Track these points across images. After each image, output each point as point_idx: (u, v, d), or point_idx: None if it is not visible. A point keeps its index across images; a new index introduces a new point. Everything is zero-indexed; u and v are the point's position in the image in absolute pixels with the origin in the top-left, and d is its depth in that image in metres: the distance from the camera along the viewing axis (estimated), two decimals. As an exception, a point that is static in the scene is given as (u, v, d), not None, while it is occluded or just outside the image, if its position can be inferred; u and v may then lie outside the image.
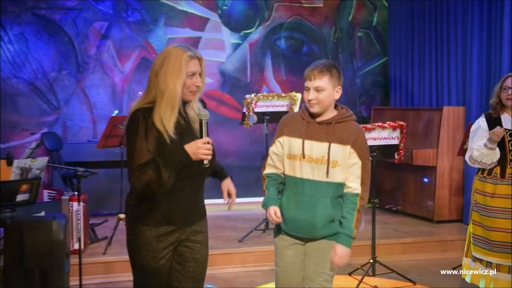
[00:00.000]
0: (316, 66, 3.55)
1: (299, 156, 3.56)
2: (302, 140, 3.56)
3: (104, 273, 6.14)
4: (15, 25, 8.41)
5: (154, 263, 3.26)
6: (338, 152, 3.53)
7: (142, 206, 3.26)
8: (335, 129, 3.56)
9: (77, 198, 5.43)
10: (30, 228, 4.21)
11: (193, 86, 3.25)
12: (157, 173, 3.11)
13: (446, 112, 8.07)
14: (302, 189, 3.57)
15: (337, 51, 9.91)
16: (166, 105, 3.18)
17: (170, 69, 3.19)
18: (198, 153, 3.15)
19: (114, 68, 8.86)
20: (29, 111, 8.50)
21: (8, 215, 4.53)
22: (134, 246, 3.29)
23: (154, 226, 3.23)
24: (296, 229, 3.61)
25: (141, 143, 3.14)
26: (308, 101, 3.55)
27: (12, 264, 4.20)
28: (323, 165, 3.53)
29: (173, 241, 3.29)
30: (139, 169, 3.12)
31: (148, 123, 3.16)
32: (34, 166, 4.72)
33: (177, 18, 9.12)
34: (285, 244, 3.68)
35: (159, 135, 3.16)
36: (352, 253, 6.70)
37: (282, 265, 3.69)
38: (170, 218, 3.26)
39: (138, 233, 3.26)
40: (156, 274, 3.29)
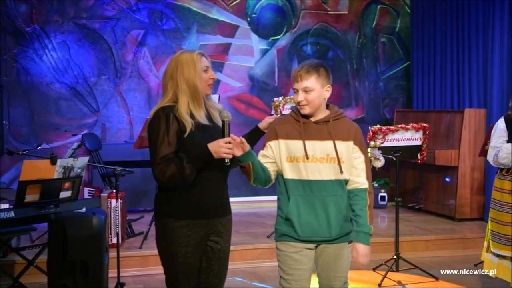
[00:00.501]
0: (302, 66, 3.36)
1: (302, 157, 3.32)
2: (303, 141, 3.33)
3: (140, 266, 6.19)
4: (58, 34, 8.51)
5: (186, 259, 3.27)
6: (342, 148, 3.36)
7: (171, 200, 3.28)
8: (334, 127, 3.38)
9: (115, 195, 5.47)
10: (72, 223, 4.25)
11: (209, 80, 3.34)
12: (180, 167, 3.14)
13: (467, 114, 7.99)
14: (310, 191, 3.33)
15: (361, 56, 9.88)
16: (192, 101, 3.27)
17: (186, 69, 3.29)
18: (220, 152, 3.17)
19: (149, 73, 8.93)
20: (71, 114, 8.59)
21: (52, 211, 4.60)
22: (166, 243, 3.30)
23: (184, 219, 3.25)
24: (311, 233, 3.34)
25: (163, 137, 3.18)
26: (298, 103, 3.36)
27: (55, 256, 4.25)
28: (329, 164, 3.34)
29: (202, 235, 3.30)
30: (162, 163, 3.16)
31: (169, 118, 3.21)
32: (76, 165, 4.76)
33: (209, 25, 9.16)
34: (295, 250, 3.36)
35: (179, 128, 3.21)
36: (376, 249, 6.79)
37: (293, 273, 3.36)
38: (199, 210, 3.27)
39: (168, 229, 3.27)
40: (187, 270, 3.29)
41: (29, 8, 8.38)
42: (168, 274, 3.35)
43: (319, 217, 3.34)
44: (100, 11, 8.69)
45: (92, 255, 4.27)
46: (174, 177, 3.16)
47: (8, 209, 4.56)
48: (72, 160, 4.73)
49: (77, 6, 8.57)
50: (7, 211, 4.47)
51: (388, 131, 6.12)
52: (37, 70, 8.42)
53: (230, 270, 3.52)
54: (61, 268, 4.22)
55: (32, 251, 5.61)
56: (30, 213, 4.55)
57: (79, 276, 4.22)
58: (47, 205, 4.62)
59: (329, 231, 3.36)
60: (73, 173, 4.76)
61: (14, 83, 8.31)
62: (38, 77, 8.43)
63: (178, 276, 3.30)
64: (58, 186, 4.67)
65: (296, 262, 3.37)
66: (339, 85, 9.76)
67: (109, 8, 8.72)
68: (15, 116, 8.29)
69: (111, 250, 5.43)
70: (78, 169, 4.79)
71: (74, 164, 4.74)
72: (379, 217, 8.40)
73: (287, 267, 3.38)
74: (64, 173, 4.67)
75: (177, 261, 3.27)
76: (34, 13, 8.40)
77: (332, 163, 3.35)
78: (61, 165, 4.62)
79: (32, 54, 8.40)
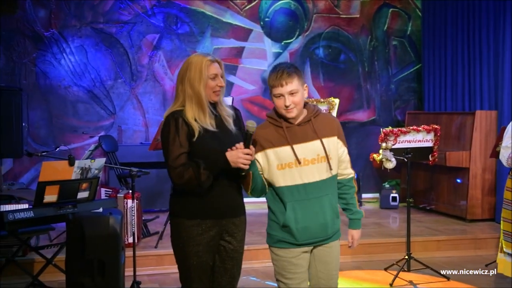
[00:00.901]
0: (282, 71, 3.24)
1: (294, 162, 3.28)
2: (291, 146, 3.29)
3: (155, 265, 6.22)
4: (76, 38, 8.57)
5: (198, 258, 3.29)
6: (329, 145, 3.35)
7: (184, 201, 3.31)
8: (317, 124, 3.35)
9: (131, 196, 5.49)
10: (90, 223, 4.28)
11: (216, 87, 3.32)
12: (197, 173, 3.16)
13: (478, 116, 7.95)
14: (305, 195, 3.30)
15: (373, 59, 9.86)
16: (197, 107, 3.28)
17: (193, 74, 3.29)
18: (238, 162, 3.17)
19: (164, 77, 8.97)
20: (88, 116, 8.65)
21: (70, 211, 4.63)
22: (179, 242, 3.33)
23: (195, 219, 3.27)
24: (309, 236, 3.34)
25: (173, 139, 3.22)
26: (286, 108, 3.26)
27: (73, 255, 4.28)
28: (321, 163, 3.32)
29: (213, 235, 3.31)
30: (179, 167, 3.19)
31: (178, 122, 3.23)
32: (93, 166, 4.79)
33: (223, 29, 9.19)
34: (293, 255, 3.34)
35: (189, 132, 3.23)
36: (388, 249, 6.77)
37: (293, 277, 3.34)
38: (210, 211, 3.29)
39: (181, 228, 3.30)
40: (199, 268, 3.31)
41: (48, 13, 8.45)
42: (182, 272, 3.38)
43: (316, 219, 3.34)
44: (116, 16, 8.74)
45: (109, 254, 4.30)
46: (190, 181, 3.19)
47: (28, 209, 4.60)
48: (90, 162, 4.76)
49: (94, 11, 8.63)
50: (26, 211, 4.50)
51: (399, 132, 6.11)
52: (55, 74, 8.49)
53: (244, 269, 3.53)
54: (79, 267, 4.25)
55: (50, 250, 5.65)
56: (48, 213, 4.59)
57: (96, 275, 4.25)
58: (65, 205, 4.66)
59: (326, 231, 3.39)
60: (91, 174, 4.79)
61: (33, 86, 8.38)
62: (57, 80, 8.50)
63: (190, 274, 3.32)
64: (76, 186, 4.71)
65: (295, 267, 3.36)
66: (351, 87, 9.76)
67: (125, 13, 8.77)
68: (34, 118, 8.36)
69: (127, 249, 5.46)
70: (95, 170, 4.82)
71: (91, 165, 4.77)
72: (390, 218, 8.39)
73: (286, 272, 3.37)
74: (82, 174, 4.70)
75: (189, 260, 3.30)
76: (53, 18, 8.47)
77: (323, 162, 3.34)
78: (78, 166, 4.65)
79: (51, 58, 8.47)
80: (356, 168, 9.50)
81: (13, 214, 4.42)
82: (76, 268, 4.28)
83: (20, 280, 5.54)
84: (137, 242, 5.91)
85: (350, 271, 6.28)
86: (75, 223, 4.28)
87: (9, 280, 5.58)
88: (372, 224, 7.81)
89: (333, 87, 9.60)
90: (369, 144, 9.58)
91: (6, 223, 4.38)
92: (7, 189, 6.85)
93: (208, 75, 3.29)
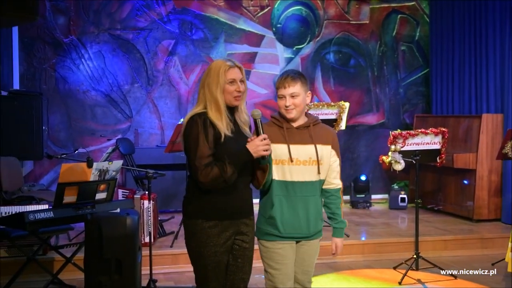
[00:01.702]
0: (287, 75, 3.46)
1: (287, 160, 3.45)
2: (287, 145, 3.45)
3: (171, 263, 6.21)
4: (94, 44, 8.61)
5: (215, 258, 3.27)
6: (322, 152, 3.50)
7: (199, 202, 3.28)
8: (314, 131, 3.52)
9: (148, 197, 5.51)
10: (107, 223, 4.28)
11: (234, 92, 3.30)
12: (222, 170, 3.15)
13: (485, 119, 7.92)
14: (293, 192, 3.47)
15: (382, 64, 9.84)
16: (215, 111, 3.26)
17: (211, 79, 3.28)
18: (259, 150, 3.20)
19: (180, 81, 8.98)
20: (106, 120, 8.68)
21: (89, 211, 4.64)
22: (196, 243, 3.30)
23: (212, 220, 3.25)
24: (293, 230, 3.49)
25: (203, 142, 3.19)
26: (286, 108, 3.45)
27: (91, 254, 4.28)
28: (311, 166, 3.48)
29: (229, 235, 3.31)
30: (205, 167, 3.16)
31: (206, 123, 3.21)
32: (110, 168, 4.80)
33: (236, 35, 9.20)
34: (279, 246, 3.49)
35: (215, 133, 3.22)
36: (397, 249, 6.76)
37: (281, 267, 3.48)
38: (226, 212, 3.28)
39: (197, 229, 3.27)
40: (216, 268, 3.30)
41: (67, 20, 8.50)
42: (198, 273, 3.35)
43: (300, 216, 3.49)
44: (133, 23, 8.77)
45: (126, 253, 4.30)
46: (217, 179, 3.17)
47: (48, 209, 4.62)
48: (107, 164, 4.78)
49: (112, 18, 8.67)
50: (46, 212, 4.53)
51: (408, 135, 6.09)
52: (74, 79, 8.53)
53: (255, 268, 3.54)
54: (97, 266, 4.26)
55: (69, 249, 5.67)
56: (68, 213, 4.61)
57: (114, 273, 4.25)
58: (84, 206, 4.68)
59: (308, 229, 3.52)
60: (108, 176, 4.81)
61: (53, 91, 8.42)
62: (75, 85, 8.54)
63: (208, 274, 3.30)
64: (94, 188, 4.73)
65: (282, 257, 3.49)
66: (361, 91, 9.74)
67: (141, 19, 8.79)
68: (54, 122, 8.40)
69: (143, 248, 5.45)
70: (113, 172, 4.84)
71: (109, 167, 4.79)
72: (399, 218, 8.36)
73: (274, 262, 3.50)
74: (100, 175, 4.72)
75: (206, 260, 3.27)
76: (72, 25, 8.51)
77: (314, 165, 3.49)
78: (96, 168, 4.66)
79: (70, 64, 8.51)
80: (365, 170, 9.58)
81: (34, 215, 4.44)
82: (94, 266, 4.28)
83: (40, 278, 5.56)
84: (153, 241, 5.93)
85: (360, 270, 6.27)
86: (93, 223, 4.28)
87: (30, 278, 5.61)
88: (381, 224, 7.80)
89: (343, 91, 9.59)
90: (378, 147, 9.57)
91: (27, 223, 4.40)
92: (27, 190, 6.89)
93: (226, 80, 3.28)
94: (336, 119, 7.32)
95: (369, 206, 9.13)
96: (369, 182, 9.30)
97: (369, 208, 9.11)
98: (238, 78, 3.32)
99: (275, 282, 3.49)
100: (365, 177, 9.31)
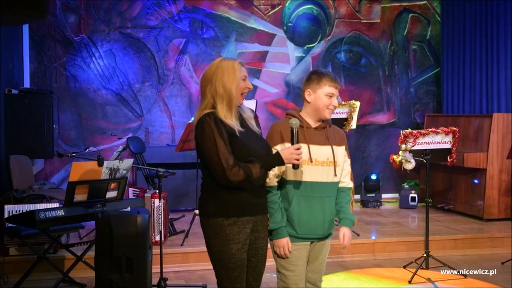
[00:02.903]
0: (335, 77, 3.51)
1: (307, 160, 3.41)
2: (307, 145, 3.42)
3: (181, 262, 6.22)
4: (105, 43, 8.63)
5: (239, 255, 3.26)
6: (338, 153, 3.51)
7: (217, 201, 3.26)
8: (329, 133, 3.52)
9: (158, 196, 5.50)
10: (118, 221, 4.28)
11: (246, 89, 3.33)
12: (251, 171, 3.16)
13: (495, 118, 7.89)
14: (311, 192, 3.44)
15: (393, 63, 9.81)
16: (226, 107, 3.25)
17: (226, 75, 3.27)
18: (292, 158, 3.23)
19: (190, 80, 8.99)
20: (117, 119, 8.70)
21: (99, 209, 4.65)
22: (216, 241, 3.26)
23: (232, 217, 3.24)
24: (309, 231, 3.47)
25: (220, 141, 3.17)
26: (332, 107, 3.47)
27: (102, 253, 4.28)
28: (329, 167, 3.47)
29: (249, 232, 3.30)
30: (233, 166, 3.15)
31: (218, 122, 3.20)
32: (121, 167, 4.80)
33: (247, 34, 9.19)
34: (295, 248, 3.45)
35: (228, 131, 3.21)
36: (407, 248, 6.76)
37: (295, 269, 3.47)
38: (245, 208, 3.27)
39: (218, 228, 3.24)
40: (240, 266, 3.28)
41: (78, 19, 8.51)
42: (222, 273, 3.30)
43: (317, 217, 3.46)
44: (144, 21, 8.78)
45: (136, 251, 4.30)
46: (245, 180, 3.18)
47: (59, 208, 4.63)
48: (118, 162, 4.78)
49: (122, 16, 8.68)
50: (57, 210, 4.54)
51: (419, 134, 6.07)
52: (85, 77, 8.55)
53: (267, 266, 3.53)
54: (108, 264, 4.25)
55: (80, 248, 5.67)
56: (78, 212, 4.62)
57: (124, 272, 4.25)
58: (95, 204, 4.69)
59: (324, 230, 3.51)
60: (119, 174, 4.81)
61: (63, 89, 8.44)
62: (86, 83, 8.56)
63: (232, 273, 3.27)
64: (104, 186, 4.73)
65: (297, 259, 3.47)
66: (372, 90, 9.71)
67: (152, 18, 8.80)
68: (65, 120, 8.43)
69: (154, 247, 5.45)
70: (124, 170, 4.84)
71: (120, 166, 4.79)
72: (409, 217, 8.34)
73: (288, 264, 3.47)
74: (110, 174, 4.72)
75: (230, 259, 3.25)
76: (82, 23, 8.53)
77: (331, 166, 3.48)
78: (107, 166, 4.67)
79: (80, 62, 8.53)
80: (376, 169, 9.55)
81: (45, 213, 4.45)
82: (105, 265, 4.28)
83: (51, 276, 5.58)
84: (163, 240, 5.92)
85: (370, 269, 6.26)
86: (104, 222, 4.28)
87: (41, 276, 5.62)
88: (391, 223, 7.79)
89: (354, 90, 9.57)
90: (389, 146, 9.55)
91: (37, 222, 4.42)
92: (38, 189, 6.90)
93: (241, 76, 3.30)
94: (347, 118, 7.29)
95: (379, 205, 9.12)
96: (380, 181, 9.28)
97: (380, 207, 9.10)
98: (247, 76, 3.37)
99: (288, 283, 3.48)
100: (376, 176, 9.29)
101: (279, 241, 3.44)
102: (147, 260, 4.43)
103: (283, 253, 3.43)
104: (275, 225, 3.42)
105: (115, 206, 4.81)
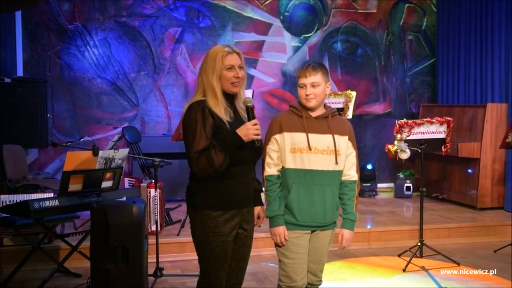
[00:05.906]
0: (309, 64, 3.50)
1: (305, 149, 3.44)
2: (306, 134, 3.45)
3: (178, 252, 6.21)
4: (99, 31, 8.56)
5: (223, 247, 3.26)
6: (340, 142, 3.51)
7: (205, 192, 3.25)
8: (332, 122, 3.53)
9: (154, 185, 5.49)
10: (114, 211, 4.25)
11: (233, 78, 3.25)
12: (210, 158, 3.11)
13: (489, 109, 7.95)
14: (311, 180, 3.45)
15: (389, 53, 9.79)
16: (212, 97, 3.22)
17: (208, 66, 3.25)
18: (249, 134, 3.18)
19: (186, 69, 8.94)
20: (112, 108, 8.65)
21: (94, 199, 4.61)
22: (202, 232, 3.27)
23: (219, 210, 3.23)
24: (309, 219, 3.48)
25: (200, 131, 3.14)
26: (306, 96, 3.46)
27: (98, 243, 4.25)
28: (329, 155, 3.48)
29: (235, 224, 3.29)
30: (197, 155, 3.13)
31: (205, 112, 3.17)
32: (116, 157, 4.77)
33: (243, 23, 9.14)
34: (295, 236, 3.49)
35: (214, 122, 3.17)
36: (401, 237, 6.78)
37: (295, 257, 3.50)
38: (232, 202, 3.26)
39: (205, 219, 3.24)
40: (224, 257, 3.29)
41: (72, 7, 8.44)
42: (204, 262, 3.33)
43: (317, 204, 3.48)
44: (139, 10, 8.71)
45: (132, 241, 4.27)
46: (207, 169, 3.14)
47: (53, 198, 4.59)
48: (113, 152, 4.74)
49: (118, 4, 8.61)
50: (52, 200, 4.50)
51: (414, 124, 6.08)
52: (79, 66, 8.49)
53: (263, 256, 3.53)
54: (103, 254, 4.23)
55: (75, 238, 5.65)
56: (73, 201, 4.58)
57: (120, 261, 4.23)
58: (90, 194, 4.65)
59: (324, 218, 3.51)
60: (114, 164, 4.78)
61: (57, 78, 8.38)
62: (81, 72, 8.50)
63: (215, 263, 3.28)
64: (100, 176, 4.69)
65: (297, 247, 3.50)
66: (368, 80, 9.69)
67: (148, 6, 8.74)
68: (59, 110, 8.37)
69: (150, 237, 5.44)
70: (119, 160, 4.81)
71: (115, 155, 4.76)
72: (404, 206, 8.37)
73: (288, 252, 3.50)
74: (106, 164, 4.69)
75: (214, 250, 3.25)
76: (77, 11, 8.46)
77: (331, 155, 3.49)
78: (102, 156, 4.63)
79: (75, 51, 8.47)
80: (371, 159, 9.54)
81: (39, 203, 4.41)
82: (101, 255, 4.25)
83: (46, 266, 5.56)
84: (160, 230, 5.92)
85: (365, 257, 6.29)
86: (99, 212, 4.25)
87: (36, 266, 5.60)
88: (386, 212, 7.82)
89: (351, 80, 9.55)
90: (384, 136, 9.56)
91: (31, 211, 4.37)
92: (32, 179, 6.87)
93: (223, 66, 3.23)
94: (343, 108, 7.28)
95: (375, 194, 9.13)
96: (375, 171, 9.29)
97: (375, 196, 9.11)
98: (236, 64, 3.27)
99: (288, 271, 3.51)
100: (371, 166, 9.29)
101: (275, 229, 3.49)
102: (143, 250, 4.41)
103: (279, 241, 3.47)
104: (272, 213, 3.47)
105: (111, 196, 4.77)
